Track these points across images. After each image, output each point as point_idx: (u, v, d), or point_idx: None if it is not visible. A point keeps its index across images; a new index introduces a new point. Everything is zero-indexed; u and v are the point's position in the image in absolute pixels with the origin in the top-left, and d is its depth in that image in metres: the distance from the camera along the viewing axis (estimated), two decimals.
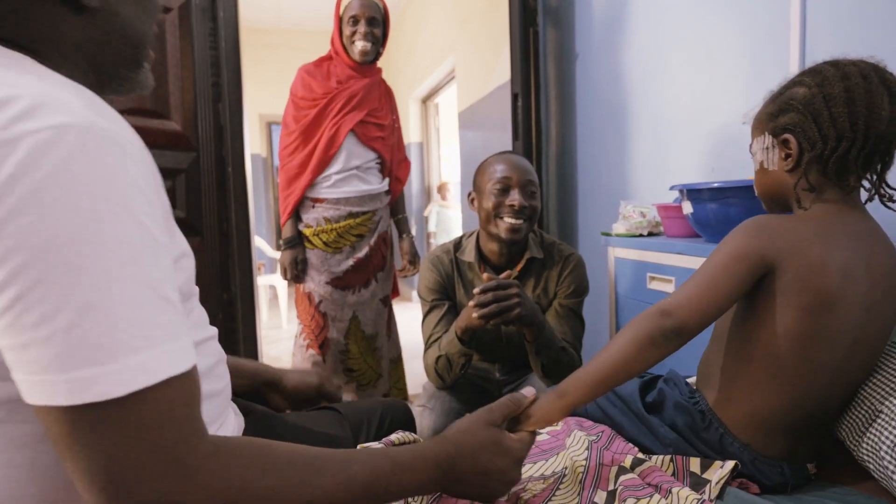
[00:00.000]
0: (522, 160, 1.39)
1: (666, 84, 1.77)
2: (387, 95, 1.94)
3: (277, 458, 0.47)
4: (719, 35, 1.55)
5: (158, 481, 0.40)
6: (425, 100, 5.43)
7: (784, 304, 0.70)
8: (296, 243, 1.80)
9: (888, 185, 0.74)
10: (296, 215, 1.82)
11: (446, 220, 5.20)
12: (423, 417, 1.36)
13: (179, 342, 0.43)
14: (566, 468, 0.76)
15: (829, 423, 0.77)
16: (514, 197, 1.32)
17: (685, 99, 1.68)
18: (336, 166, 1.80)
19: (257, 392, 0.92)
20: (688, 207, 1.23)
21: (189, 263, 0.56)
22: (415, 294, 5.67)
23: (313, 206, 1.82)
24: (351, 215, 1.82)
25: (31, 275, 0.38)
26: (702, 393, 0.80)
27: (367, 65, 1.84)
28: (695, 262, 1.21)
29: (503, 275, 1.18)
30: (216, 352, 0.67)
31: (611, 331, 1.59)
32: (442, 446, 0.58)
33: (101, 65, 0.55)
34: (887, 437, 0.68)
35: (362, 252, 1.84)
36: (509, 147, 2.37)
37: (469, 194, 1.45)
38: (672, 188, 1.30)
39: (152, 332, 0.42)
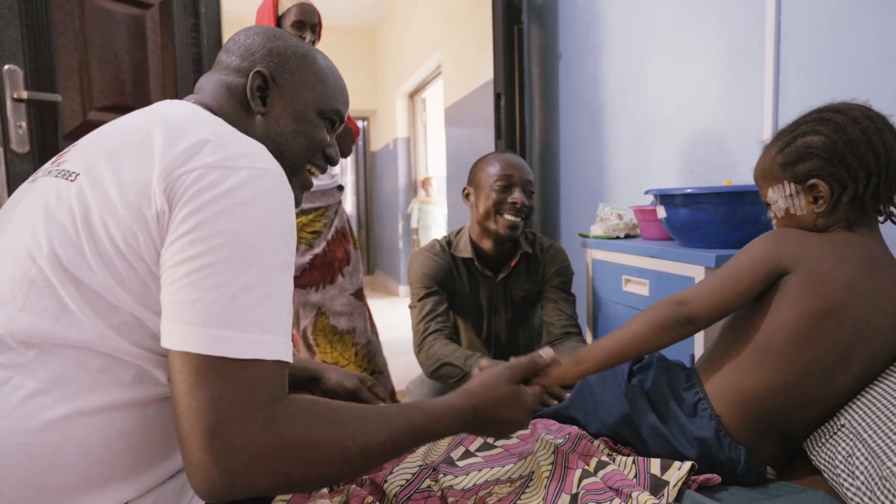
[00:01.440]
0: (521, 159, 1.42)
1: (646, 87, 1.79)
2: None
3: (335, 414, 0.58)
4: (698, 40, 1.57)
5: (249, 425, 0.51)
6: (412, 95, 5.42)
7: (787, 303, 0.76)
8: None
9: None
10: None
11: (427, 216, 5.19)
12: None
13: (289, 339, 0.57)
14: (532, 472, 0.78)
15: (798, 430, 0.80)
16: (516, 195, 1.35)
17: (665, 102, 1.70)
18: None
19: (301, 385, 1.01)
20: (661, 212, 1.25)
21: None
22: (401, 288, 5.68)
23: None
24: (302, 212, 1.81)
25: (222, 253, 0.53)
26: (697, 371, 0.86)
27: None
28: (669, 266, 1.24)
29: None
30: None
31: (588, 332, 1.62)
32: (468, 399, 0.69)
33: (281, 157, 0.73)
34: (843, 449, 0.72)
35: (319, 248, 1.83)
36: (493, 143, 2.38)
37: (464, 189, 1.46)
38: (647, 192, 1.32)
39: (280, 324, 0.56)
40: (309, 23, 1.76)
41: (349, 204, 7.95)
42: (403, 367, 3.21)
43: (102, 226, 0.56)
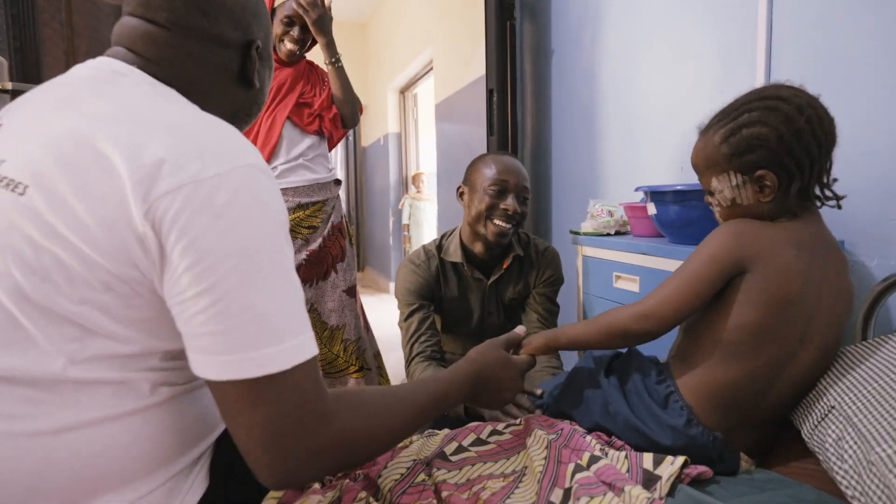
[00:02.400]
0: (519, 163, 1.39)
1: (638, 84, 1.79)
2: (317, 74, 1.89)
3: (376, 400, 0.63)
4: (691, 38, 1.58)
5: (307, 428, 0.54)
6: (403, 90, 5.40)
7: (747, 301, 0.78)
8: None
9: (831, 190, 0.85)
10: None
11: (419, 212, 5.17)
12: None
13: (311, 332, 0.58)
14: (526, 467, 0.78)
15: (769, 412, 0.82)
16: (510, 202, 1.32)
17: (657, 99, 1.71)
18: (280, 157, 1.77)
19: None
20: (651, 209, 1.25)
21: None
22: (391, 285, 5.66)
23: None
24: (300, 207, 1.78)
25: (237, 274, 0.52)
26: (670, 364, 0.88)
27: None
28: (659, 262, 1.25)
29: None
30: None
31: None
32: (471, 365, 0.80)
33: (233, 119, 0.73)
34: (833, 432, 0.73)
35: (315, 244, 1.80)
36: (484, 140, 2.37)
37: (458, 188, 1.44)
38: (637, 189, 1.32)
39: (303, 321, 0.57)
40: (300, 22, 1.73)
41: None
42: (394, 363, 3.21)
43: (71, 248, 0.52)
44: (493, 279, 1.43)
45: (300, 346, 0.55)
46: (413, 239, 5.17)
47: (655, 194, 1.24)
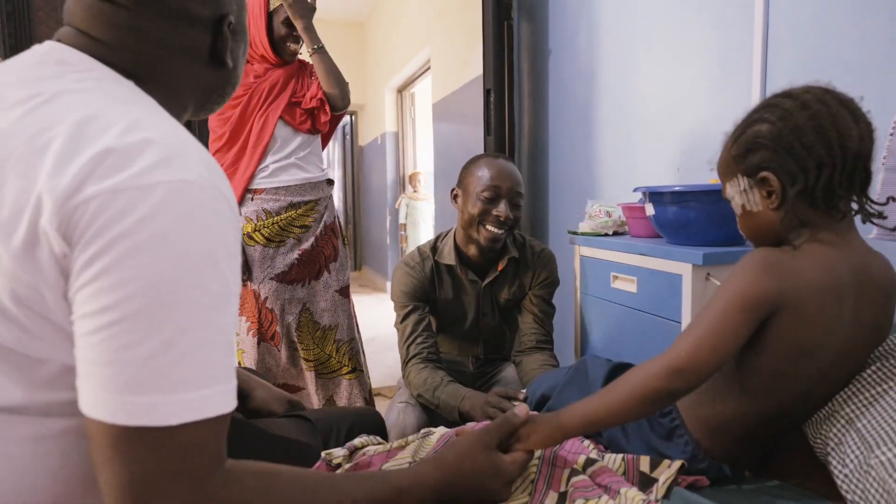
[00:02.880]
0: (513, 167, 1.38)
1: (635, 84, 1.79)
2: (306, 71, 1.88)
3: (282, 486, 0.51)
4: (688, 39, 1.58)
5: (176, 501, 0.45)
6: (401, 89, 5.39)
7: (766, 345, 0.71)
8: None
9: (872, 202, 0.73)
10: None
11: (415, 212, 5.17)
12: (407, 414, 1.35)
13: (230, 384, 0.49)
14: None
15: (776, 437, 0.81)
16: (501, 208, 1.31)
17: (654, 99, 1.70)
18: (271, 156, 1.76)
19: None
20: (650, 209, 1.25)
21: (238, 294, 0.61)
22: (388, 285, 5.67)
23: (252, 199, 1.76)
24: (292, 206, 1.77)
25: (133, 305, 0.44)
26: None
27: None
28: (657, 263, 1.24)
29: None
30: None
31: (576, 329, 1.62)
32: (442, 473, 0.62)
33: (206, 102, 0.67)
34: (835, 435, 0.73)
35: (308, 243, 1.79)
36: (481, 140, 2.37)
37: (452, 190, 1.44)
38: (635, 190, 1.32)
39: (214, 373, 0.47)
40: None
41: (336, 199, 7.92)
42: (391, 362, 3.22)
43: None
44: (488, 281, 1.43)
45: (199, 402, 0.45)
46: (410, 238, 5.16)
47: (654, 195, 1.24)
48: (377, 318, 4.46)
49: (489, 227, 1.32)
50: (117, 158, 0.45)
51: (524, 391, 1.18)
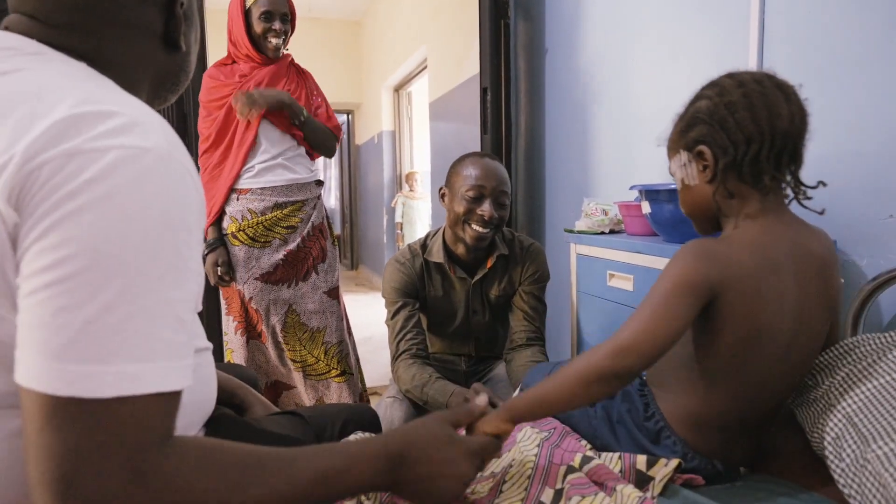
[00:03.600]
0: (498, 167, 1.38)
1: (631, 83, 1.79)
2: (300, 77, 1.86)
3: (223, 460, 0.49)
4: (684, 37, 1.58)
5: (108, 480, 0.42)
6: (398, 88, 5.39)
7: (721, 329, 0.73)
8: (216, 246, 1.73)
9: (802, 184, 0.77)
10: (219, 219, 1.76)
11: (412, 211, 5.16)
12: (394, 409, 1.36)
13: (180, 362, 0.46)
14: (514, 461, 0.78)
15: (764, 425, 0.81)
16: (486, 208, 1.32)
17: (650, 98, 1.71)
18: (257, 156, 1.74)
19: (230, 407, 0.93)
20: (646, 207, 1.25)
21: (201, 282, 0.57)
22: (381, 282, 5.69)
23: (237, 199, 1.74)
24: (277, 206, 1.75)
25: (74, 265, 0.42)
26: (650, 386, 0.83)
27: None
28: (653, 261, 1.25)
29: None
30: (206, 364, 0.69)
31: (572, 328, 1.63)
32: (391, 439, 0.59)
33: (159, 88, 0.65)
34: (832, 429, 0.73)
35: (294, 244, 1.77)
36: (478, 139, 2.37)
37: (440, 189, 1.45)
38: (632, 188, 1.32)
39: (156, 346, 0.45)
40: (278, 13, 1.70)
41: (332, 198, 7.90)
42: (387, 361, 3.20)
43: None
44: (478, 278, 1.43)
45: (139, 375, 0.43)
46: (406, 237, 5.16)
47: (650, 193, 1.24)
48: (374, 317, 4.45)
49: (474, 227, 1.33)
50: (73, 125, 0.44)
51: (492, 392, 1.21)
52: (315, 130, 1.82)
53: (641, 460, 0.74)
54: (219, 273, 1.73)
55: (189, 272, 0.48)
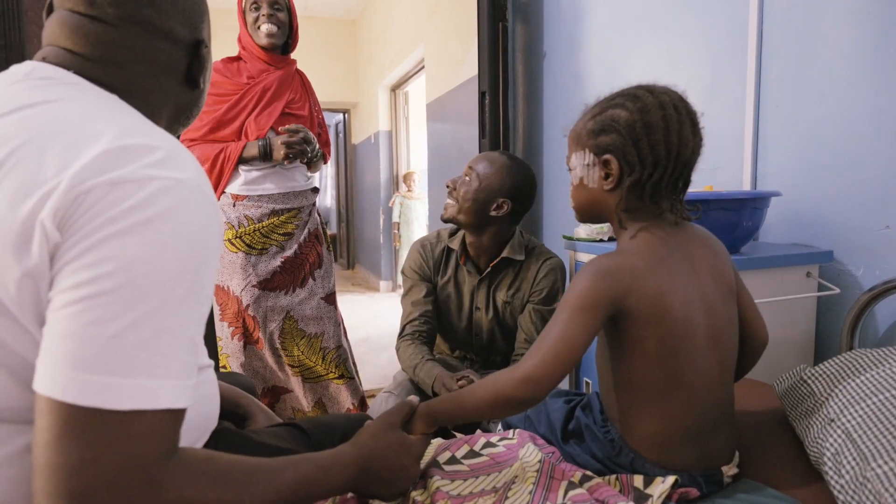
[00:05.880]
0: (488, 154, 1.43)
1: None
2: (304, 87, 1.86)
3: (228, 474, 0.53)
4: (681, 44, 1.59)
5: (127, 490, 0.44)
6: (394, 88, 5.37)
7: (640, 337, 0.74)
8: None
9: (684, 206, 0.81)
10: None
11: (409, 211, 5.16)
12: (389, 403, 1.38)
13: (188, 381, 0.49)
14: (517, 477, 0.78)
15: (724, 420, 0.81)
16: (453, 178, 1.42)
17: None
18: (256, 163, 1.73)
19: (231, 419, 0.94)
20: None
21: (209, 304, 0.60)
22: (381, 283, 5.68)
23: (234, 205, 1.74)
24: (274, 213, 1.75)
25: (109, 283, 0.45)
26: (611, 421, 0.83)
27: (278, 54, 1.76)
28: None
29: None
30: (209, 381, 0.71)
31: None
32: (357, 450, 0.68)
33: (175, 121, 0.71)
34: (831, 445, 0.74)
35: (291, 251, 1.77)
36: (476, 140, 2.37)
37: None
38: None
39: (173, 366, 0.48)
40: (265, 1, 1.68)
41: (328, 197, 7.88)
42: (385, 362, 3.22)
43: None
44: (485, 275, 1.44)
45: (154, 391, 0.46)
46: (403, 238, 5.16)
47: None
48: (370, 317, 4.45)
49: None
50: (119, 156, 0.48)
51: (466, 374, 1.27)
52: (316, 164, 1.89)
53: (638, 479, 0.75)
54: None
55: (204, 297, 0.52)
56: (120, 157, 0.48)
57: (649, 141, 0.74)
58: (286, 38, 1.76)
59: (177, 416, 0.49)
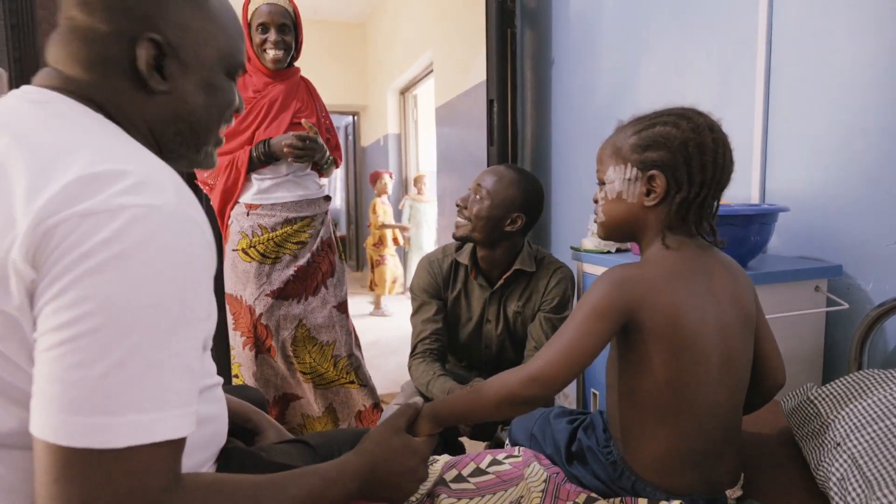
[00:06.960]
0: (496, 168, 1.42)
1: (638, 97, 1.79)
2: (310, 94, 1.87)
3: (227, 494, 0.53)
4: (691, 52, 1.58)
5: None
6: (403, 91, 5.39)
7: (651, 354, 0.74)
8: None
9: (716, 230, 0.81)
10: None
11: (419, 213, 5.16)
12: None
13: (186, 409, 0.49)
14: (522, 497, 0.79)
15: (730, 445, 0.80)
16: (462, 196, 1.41)
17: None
18: (268, 172, 1.74)
19: (240, 435, 0.95)
20: None
21: (214, 319, 0.60)
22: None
23: (247, 214, 1.76)
24: (287, 222, 1.76)
25: (88, 324, 0.44)
26: (614, 439, 0.83)
27: (283, 69, 1.78)
28: None
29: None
30: (217, 399, 0.71)
31: None
32: (363, 458, 0.68)
33: (162, 140, 0.64)
34: (837, 470, 0.74)
35: (304, 259, 1.78)
36: (484, 145, 2.37)
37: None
38: None
39: (166, 397, 0.47)
40: (273, 24, 1.68)
41: (338, 199, 7.91)
42: (393, 367, 3.23)
43: None
44: (496, 288, 1.45)
45: (149, 425, 0.45)
46: (412, 241, 5.17)
47: None
48: (379, 321, 4.47)
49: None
50: (87, 185, 0.46)
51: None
52: (328, 169, 1.89)
53: (643, 501, 0.75)
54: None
55: (196, 321, 0.51)
56: (90, 185, 0.46)
57: (701, 161, 0.75)
58: (291, 55, 1.78)
59: (176, 445, 0.48)
